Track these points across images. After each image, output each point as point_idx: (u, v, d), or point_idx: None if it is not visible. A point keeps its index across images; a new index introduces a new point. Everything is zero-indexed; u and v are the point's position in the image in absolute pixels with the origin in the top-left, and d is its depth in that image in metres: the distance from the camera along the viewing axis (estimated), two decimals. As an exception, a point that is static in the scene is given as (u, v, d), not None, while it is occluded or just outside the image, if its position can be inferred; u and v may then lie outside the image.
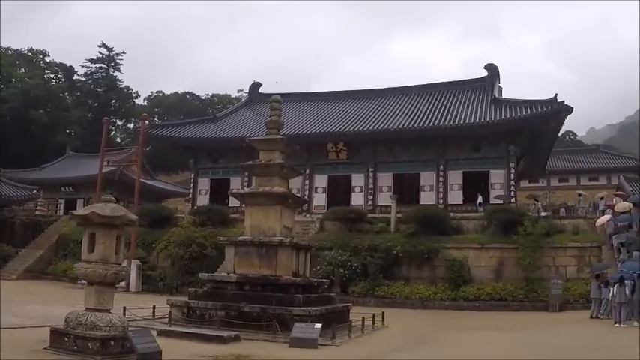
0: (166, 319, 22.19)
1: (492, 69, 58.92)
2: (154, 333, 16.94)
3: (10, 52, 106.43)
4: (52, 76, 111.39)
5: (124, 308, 22.09)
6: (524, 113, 47.22)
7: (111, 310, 14.90)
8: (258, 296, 21.75)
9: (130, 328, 15.10)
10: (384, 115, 55.05)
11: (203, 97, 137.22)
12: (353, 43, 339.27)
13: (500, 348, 19.43)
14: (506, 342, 21.25)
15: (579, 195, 55.35)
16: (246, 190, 29.01)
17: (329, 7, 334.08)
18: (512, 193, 48.26)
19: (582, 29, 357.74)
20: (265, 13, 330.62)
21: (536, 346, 19.81)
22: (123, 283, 41.09)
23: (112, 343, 13.95)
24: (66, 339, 14.19)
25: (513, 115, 47.52)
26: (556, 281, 34.80)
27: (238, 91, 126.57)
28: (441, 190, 50.06)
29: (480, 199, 47.83)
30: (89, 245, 14.80)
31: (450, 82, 62.23)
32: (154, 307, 24.26)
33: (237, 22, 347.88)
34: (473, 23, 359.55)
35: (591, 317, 29.18)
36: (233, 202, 47.78)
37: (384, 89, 64.18)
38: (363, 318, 22.96)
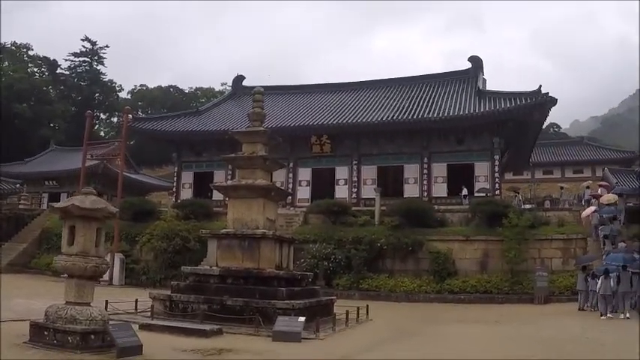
0: (149, 313, 22.00)
1: (476, 61, 58.89)
2: (136, 327, 16.81)
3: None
4: (35, 69, 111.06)
5: (106, 302, 21.81)
6: (508, 105, 47.09)
7: (92, 304, 14.69)
8: (241, 290, 21.54)
9: (111, 322, 14.90)
10: (368, 107, 54.88)
11: (187, 91, 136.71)
12: (337, 37, 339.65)
13: (485, 342, 19.34)
14: (492, 335, 21.15)
15: (561, 188, 55.42)
16: (229, 182, 28.80)
17: (313, 2, 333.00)
18: (497, 186, 48.22)
19: (565, 22, 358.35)
20: (250, 9, 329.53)
21: (522, 340, 19.69)
22: (106, 277, 41.01)
23: (92, 337, 13.75)
24: (45, 333, 13.97)
25: (497, 107, 47.40)
26: (541, 273, 34.76)
27: (222, 84, 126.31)
28: (425, 182, 49.98)
29: (464, 191, 47.72)
30: (69, 238, 14.59)
31: (433, 74, 62.22)
32: (136, 301, 24.02)
33: (221, 16, 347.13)
34: (455, 17, 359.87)
35: (579, 309, 29.14)
36: (217, 196, 47.60)
37: (368, 82, 64.22)
38: (347, 311, 22.83)
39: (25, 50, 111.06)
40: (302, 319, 18.60)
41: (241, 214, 23.73)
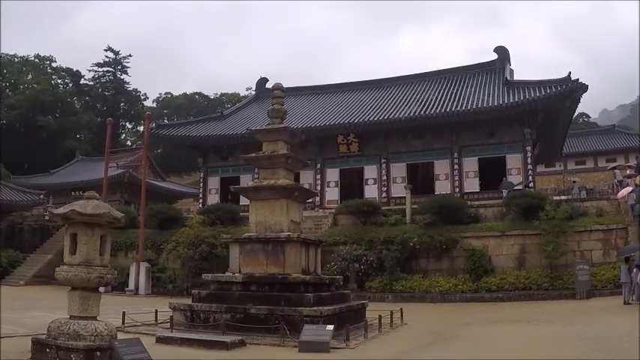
0: (169, 324, 20.91)
1: (502, 51, 57.70)
2: (153, 340, 15.77)
3: (16, 59, 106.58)
4: (59, 81, 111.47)
5: (124, 313, 20.84)
6: (538, 94, 45.73)
7: (98, 317, 13.56)
8: (266, 297, 20.34)
9: (124, 336, 13.82)
10: (395, 104, 53.85)
11: (212, 97, 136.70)
12: (360, 38, 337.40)
13: (531, 343, 18.00)
14: (537, 335, 19.77)
15: (573, 182, 53.57)
16: (250, 184, 27.55)
17: (337, 4, 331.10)
18: (531, 178, 46.89)
19: (585, 14, 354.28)
20: (271, 10, 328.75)
21: (570, 339, 18.23)
22: (132, 286, 40.53)
23: (98, 354, 12.57)
24: (47, 350, 12.84)
25: (527, 97, 46.03)
26: (582, 267, 33.17)
27: (247, 89, 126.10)
28: (456, 178, 48.74)
29: (526, 183, 46.51)
30: (71, 247, 13.49)
31: (459, 67, 61.03)
32: (156, 312, 22.96)
33: (243, 21, 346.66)
34: (476, 15, 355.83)
35: (625, 303, 27.68)
36: (244, 200, 46.47)
37: (393, 78, 63.11)
38: (380, 316, 21.54)
39: (48, 62, 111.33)
40: (330, 327, 17.36)
41: (264, 216, 22.50)
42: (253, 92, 78.78)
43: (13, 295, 33.76)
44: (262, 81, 69.57)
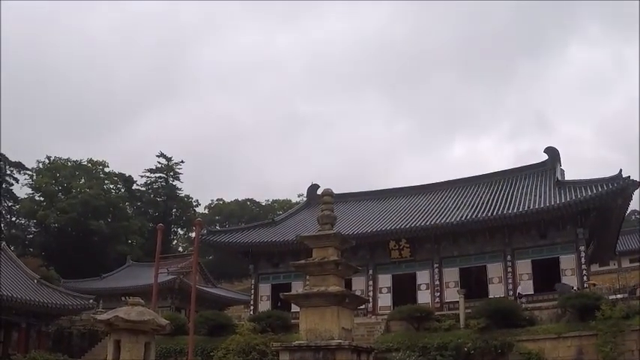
0: None
1: (552, 152, 57.61)
2: None
3: (69, 163, 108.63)
4: (111, 186, 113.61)
5: None
6: (589, 193, 45.55)
7: None
8: (318, 407, 19.91)
9: None
10: (446, 208, 53.91)
11: (263, 204, 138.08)
12: (413, 146, 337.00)
13: None
14: None
15: (594, 285, 52.41)
16: (300, 291, 27.39)
17: (382, 113, 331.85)
18: (585, 278, 46.16)
19: (626, 114, 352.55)
20: (324, 119, 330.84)
21: None
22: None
23: None
24: None
25: (579, 197, 45.87)
26: (641, 366, 32.45)
27: (299, 195, 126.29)
28: (510, 281, 48.11)
29: (519, 290, 46.82)
30: (114, 353, 13.36)
31: (509, 169, 61.24)
32: None
33: (296, 129, 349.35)
34: (524, 120, 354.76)
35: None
36: (296, 307, 46.24)
37: (444, 182, 63.20)
38: None
39: (101, 167, 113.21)
40: None
41: (314, 324, 22.16)
42: (304, 199, 78.98)
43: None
44: (313, 187, 69.62)
